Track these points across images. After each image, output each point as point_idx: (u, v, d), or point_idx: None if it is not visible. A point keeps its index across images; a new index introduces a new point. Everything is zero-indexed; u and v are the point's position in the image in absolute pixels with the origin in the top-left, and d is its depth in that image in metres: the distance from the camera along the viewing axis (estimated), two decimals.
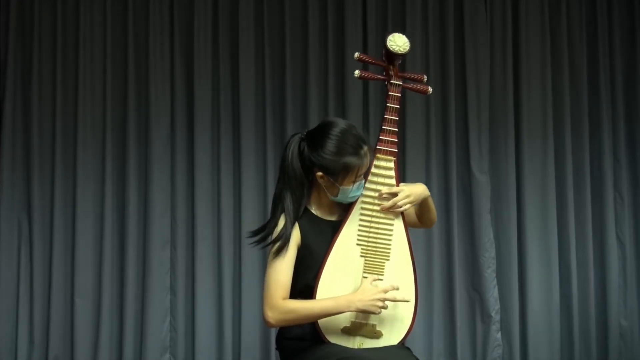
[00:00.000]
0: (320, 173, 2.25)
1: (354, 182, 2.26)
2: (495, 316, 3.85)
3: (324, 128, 2.28)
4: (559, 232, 3.92)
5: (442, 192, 3.89)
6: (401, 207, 2.30)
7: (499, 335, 3.86)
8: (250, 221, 3.76)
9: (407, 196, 2.31)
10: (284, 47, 3.87)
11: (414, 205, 2.36)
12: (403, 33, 3.83)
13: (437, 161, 3.90)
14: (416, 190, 2.35)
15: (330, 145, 2.23)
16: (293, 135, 2.32)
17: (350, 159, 2.23)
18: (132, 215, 3.76)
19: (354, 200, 2.31)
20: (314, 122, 3.76)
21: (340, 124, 2.28)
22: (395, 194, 2.31)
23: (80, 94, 3.79)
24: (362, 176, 2.28)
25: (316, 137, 2.28)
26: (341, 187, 2.26)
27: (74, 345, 3.69)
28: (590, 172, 3.97)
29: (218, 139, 3.83)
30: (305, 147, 2.28)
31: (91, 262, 3.75)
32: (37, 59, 3.78)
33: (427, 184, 3.82)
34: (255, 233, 2.31)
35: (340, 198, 2.29)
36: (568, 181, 3.93)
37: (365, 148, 2.26)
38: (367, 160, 2.27)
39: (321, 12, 3.91)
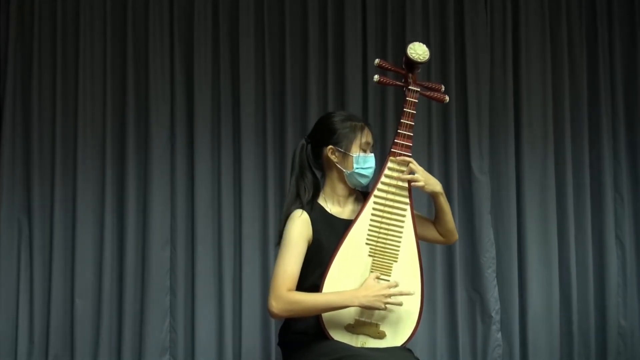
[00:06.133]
0: (330, 147, 2.37)
1: (362, 149, 2.38)
2: (496, 316, 3.85)
3: (325, 117, 2.48)
4: (559, 232, 3.92)
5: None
6: (417, 179, 2.39)
7: (499, 335, 3.86)
8: (251, 221, 3.77)
9: (423, 173, 2.42)
10: (284, 50, 3.87)
11: (425, 191, 2.43)
12: (403, 35, 3.85)
13: (437, 161, 3.90)
14: (430, 177, 2.45)
15: (336, 119, 2.42)
16: (299, 143, 2.48)
17: (355, 122, 2.41)
18: (132, 215, 3.76)
19: (368, 174, 2.39)
20: (313, 123, 3.77)
21: (338, 111, 2.58)
22: (413, 172, 2.41)
23: (80, 94, 3.78)
24: (371, 148, 2.42)
25: (319, 126, 2.45)
26: (352, 155, 2.35)
27: (73, 345, 3.68)
28: (590, 172, 3.98)
29: (218, 139, 3.83)
30: (309, 147, 2.44)
31: (91, 262, 3.74)
32: (37, 59, 3.78)
33: None
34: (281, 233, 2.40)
35: (356, 170, 2.36)
36: (568, 181, 3.93)
37: (362, 123, 2.44)
38: (369, 132, 2.43)
39: (321, 15, 3.91)
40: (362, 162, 2.36)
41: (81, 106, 3.78)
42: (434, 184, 2.42)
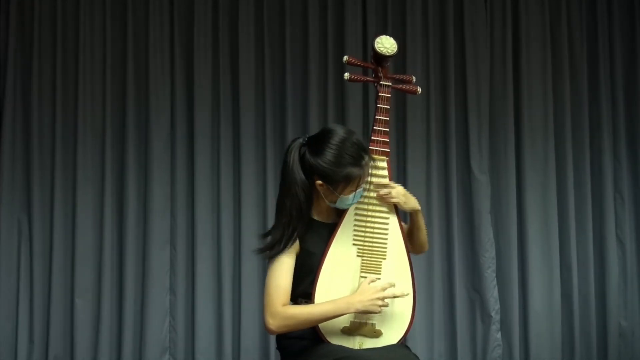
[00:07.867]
0: (319, 181, 2.25)
1: (353, 191, 2.26)
2: (495, 316, 3.85)
3: (325, 136, 2.25)
4: (559, 232, 3.92)
5: (442, 192, 3.89)
6: (394, 197, 2.32)
7: (498, 335, 3.86)
8: (250, 221, 3.77)
9: (404, 194, 2.35)
10: (284, 49, 3.87)
11: (405, 209, 2.36)
12: (403, 34, 3.82)
13: (437, 161, 3.90)
14: (410, 196, 2.37)
15: (330, 155, 2.21)
16: (294, 141, 2.30)
17: (351, 170, 2.22)
18: (132, 215, 3.76)
19: (351, 205, 2.32)
20: (313, 123, 3.79)
21: (340, 132, 2.25)
22: (392, 187, 2.34)
23: (80, 94, 3.79)
24: (362, 185, 2.28)
25: (317, 144, 2.25)
26: (340, 196, 2.26)
27: (74, 345, 3.69)
28: (591, 171, 3.97)
29: (218, 139, 3.83)
30: (306, 152, 2.26)
31: (91, 262, 3.75)
32: (37, 59, 3.78)
33: (427, 183, 3.87)
34: (261, 250, 2.29)
35: (339, 205, 2.30)
36: (568, 181, 3.93)
37: (367, 158, 2.25)
38: (367, 170, 2.26)
39: (321, 15, 3.91)
40: (348, 200, 2.28)
41: (81, 106, 3.79)
42: (414, 203, 2.37)
